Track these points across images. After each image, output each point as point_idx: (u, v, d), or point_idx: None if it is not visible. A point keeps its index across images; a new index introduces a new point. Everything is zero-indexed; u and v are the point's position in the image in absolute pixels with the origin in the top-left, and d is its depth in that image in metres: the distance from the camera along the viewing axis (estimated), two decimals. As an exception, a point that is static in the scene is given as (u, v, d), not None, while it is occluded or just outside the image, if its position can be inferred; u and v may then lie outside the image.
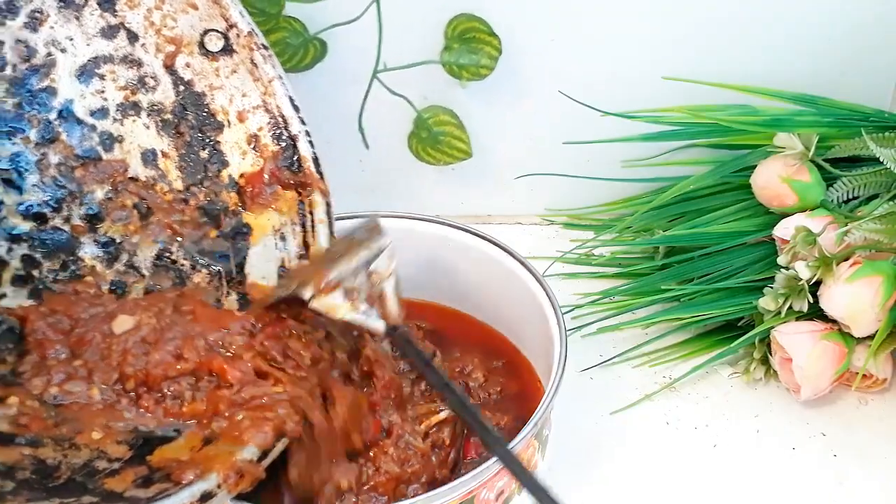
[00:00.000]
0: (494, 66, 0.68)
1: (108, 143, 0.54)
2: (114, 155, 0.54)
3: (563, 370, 0.50)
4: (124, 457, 0.45)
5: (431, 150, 0.71)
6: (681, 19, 0.69)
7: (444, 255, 0.60)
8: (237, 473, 0.42)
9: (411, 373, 0.54)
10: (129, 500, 0.41)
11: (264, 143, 0.54)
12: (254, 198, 0.54)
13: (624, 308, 0.67)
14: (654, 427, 0.60)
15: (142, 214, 0.54)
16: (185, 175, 0.54)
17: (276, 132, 0.53)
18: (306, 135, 0.53)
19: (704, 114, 0.69)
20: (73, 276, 0.52)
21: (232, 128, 0.54)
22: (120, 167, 0.54)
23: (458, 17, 0.67)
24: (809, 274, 0.59)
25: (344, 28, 0.67)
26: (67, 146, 0.53)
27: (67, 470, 0.43)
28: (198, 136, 0.54)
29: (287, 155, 0.53)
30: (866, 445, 0.59)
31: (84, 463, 0.44)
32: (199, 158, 0.54)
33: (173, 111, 0.54)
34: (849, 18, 0.69)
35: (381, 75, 0.69)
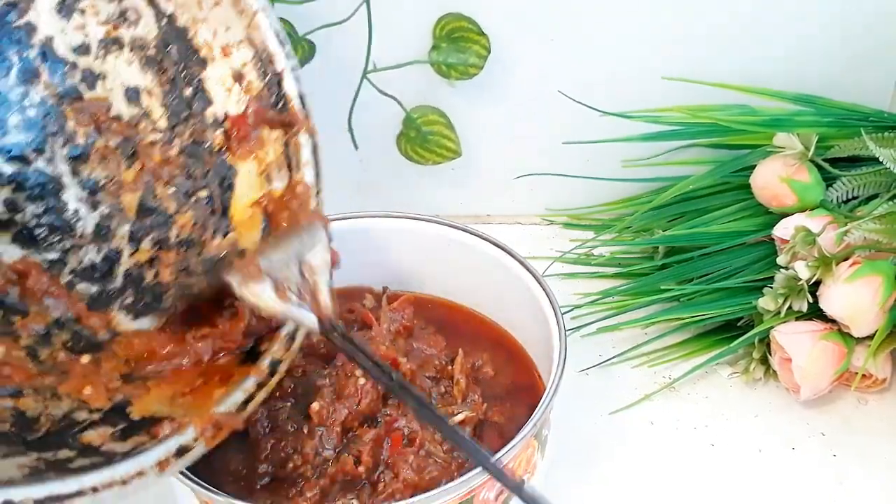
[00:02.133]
0: (483, 65, 0.68)
1: (90, 80, 0.52)
2: (96, 93, 0.52)
3: (562, 370, 0.49)
4: (104, 406, 0.45)
5: (420, 149, 0.71)
6: (680, 19, 0.69)
7: (444, 255, 0.60)
8: (214, 426, 0.42)
9: (434, 380, 0.54)
10: (105, 454, 0.41)
11: (249, 79, 0.52)
12: (240, 141, 0.52)
13: (623, 308, 0.67)
14: (654, 427, 0.60)
15: (126, 155, 0.52)
16: (169, 113, 0.53)
17: (261, 68, 0.52)
18: (291, 70, 0.52)
19: (704, 114, 0.69)
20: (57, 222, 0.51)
21: (216, 63, 0.52)
22: (103, 106, 0.52)
23: (445, 16, 0.67)
24: (809, 274, 0.59)
25: (334, 29, 0.67)
26: (49, 85, 0.52)
27: (47, 422, 0.43)
28: (181, 73, 0.52)
29: (273, 92, 0.52)
30: (866, 445, 0.59)
31: (64, 414, 0.44)
32: (184, 96, 0.53)
33: (156, 46, 0.52)
34: (848, 18, 0.69)
35: (371, 75, 0.68)
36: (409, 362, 0.53)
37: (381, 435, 0.49)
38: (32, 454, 0.41)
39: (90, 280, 0.51)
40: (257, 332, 0.47)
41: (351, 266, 0.61)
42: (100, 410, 0.44)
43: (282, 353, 0.46)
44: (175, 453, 0.41)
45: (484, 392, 0.55)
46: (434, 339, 0.57)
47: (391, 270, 0.62)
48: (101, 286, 0.51)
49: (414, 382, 0.53)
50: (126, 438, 0.42)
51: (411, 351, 0.55)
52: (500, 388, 0.56)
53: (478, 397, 0.54)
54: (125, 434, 0.43)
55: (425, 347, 0.56)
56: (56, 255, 0.51)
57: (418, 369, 0.54)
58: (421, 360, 0.55)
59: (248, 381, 0.45)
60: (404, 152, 0.72)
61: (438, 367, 0.55)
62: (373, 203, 0.68)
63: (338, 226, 0.60)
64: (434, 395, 0.53)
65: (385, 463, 0.49)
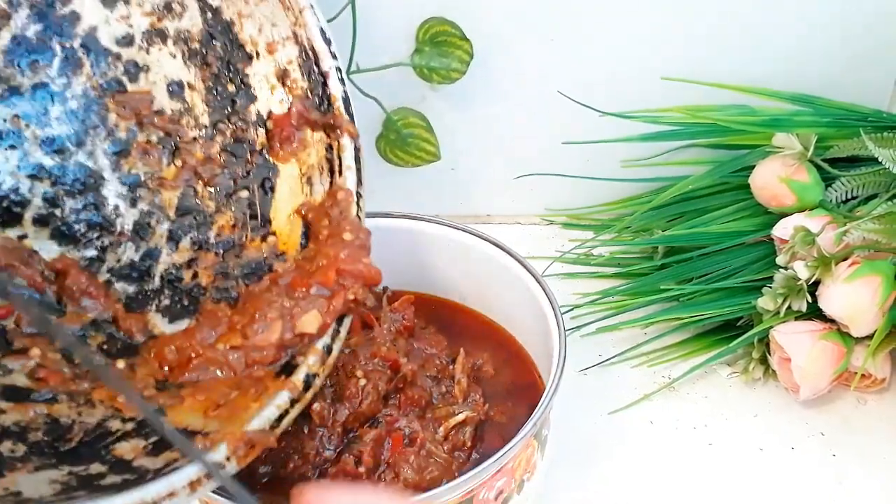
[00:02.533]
0: (466, 69, 0.68)
1: (133, 72, 0.51)
2: (139, 86, 0.51)
3: (561, 370, 0.50)
4: (138, 416, 0.43)
5: (400, 151, 0.71)
6: (680, 19, 0.69)
7: (444, 255, 0.60)
8: (247, 444, 0.41)
9: (435, 380, 0.54)
10: (136, 470, 0.40)
11: (294, 77, 0.51)
12: (282, 143, 0.51)
13: (623, 308, 0.67)
14: (654, 427, 0.61)
15: (168, 151, 0.52)
16: (211, 109, 0.52)
17: (307, 67, 0.50)
18: (337, 71, 0.50)
19: (703, 114, 0.69)
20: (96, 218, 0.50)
21: (261, 60, 0.51)
22: (145, 99, 0.51)
23: (429, 20, 0.67)
24: (808, 274, 0.59)
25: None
26: (91, 76, 0.51)
27: (80, 431, 0.42)
28: (225, 68, 0.51)
29: (316, 92, 0.51)
30: (865, 445, 0.59)
31: (97, 423, 0.43)
32: (227, 92, 0.51)
33: (200, 40, 0.51)
34: (848, 18, 0.69)
35: (354, 76, 0.68)
36: (410, 363, 0.53)
37: (381, 435, 0.49)
38: (64, 468, 0.40)
39: (128, 280, 0.50)
40: (291, 346, 0.46)
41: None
42: (133, 420, 0.43)
43: (318, 367, 0.45)
44: (207, 473, 0.40)
45: (484, 392, 0.55)
46: (435, 339, 0.57)
47: (391, 270, 0.61)
48: (138, 286, 0.50)
49: (415, 382, 0.53)
50: (158, 454, 0.41)
51: (412, 351, 0.55)
52: (500, 387, 0.56)
53: (479, 397, 0.54)
54: (157, 449, 0.42)
55: (426, 347, 0.56)
56: (94, 253, 0.50)
57: (419, 369, 0.54)
58: (422, 359, 0.55)
59: (282, 397, 0.43)
60: (383, 154, 0.71)
61: (440, 368, 0.55)
62: (370, 204, 0.68)
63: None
64: (435, 395, 0.53)
65: (386, 463, 0.49)
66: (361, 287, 0.47)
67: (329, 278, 0.47)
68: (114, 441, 0.42)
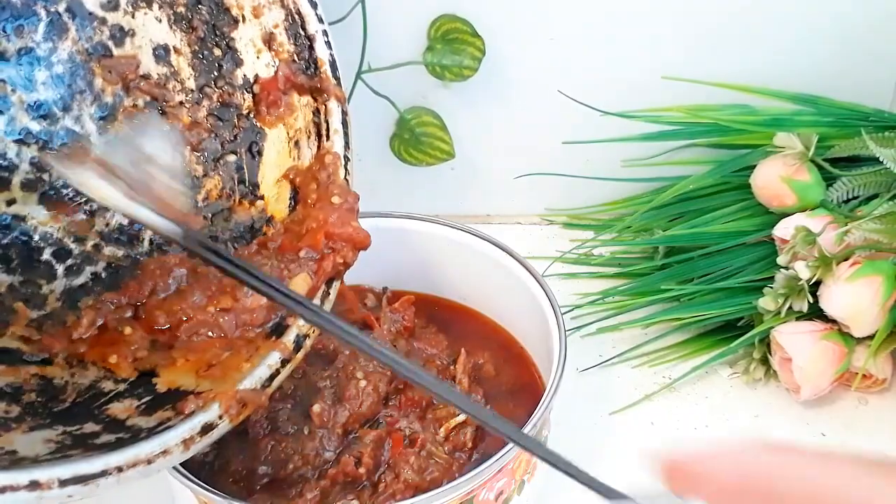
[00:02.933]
0: (478, 67, 0.68)
1: (118, 37, 0.52)
2: (124, 50, 0.52)
3: (562, 370, 0.49)
4: (130, 377, 0.44)
5: (414, 150, 0.71)
6: (680, 19, 0.69)
7: (444, 255, 0.60)
8: (239, 403, 0.42)
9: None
10: (130, 429, 0.41)
11: (280, 41, 0.51)
12: (269, 107, 0.52)
13: (623, 308, 0.67)
14: (654, 427, 0.60)
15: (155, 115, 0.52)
16: (197, 73, 0.52)
17: (293, 30, 0.51)
18: (324, 34, 0.51)
19: (704, 113, 0.69)
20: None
21: (247, 23, 0.51)
22: (131, 63, 0.52)
23: (440, 17, 0.67)
24: (809, 274, 0.59)
25: (328, 28, 0.67)
26: (77, 41, 0.51)
27: (73, 392, 0.43)
28: (211, 32, 0.52)
29: (303, 56, 0.51)
30: (866, 445, 0.59)
31: (90, 384, 0.43)
32: (213, 56, 0.52)
33: (186, 3, 0.52)
34: (849, 18, 0.69)
35: (365, 76, 0.68)
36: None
37: (382, 436, 0.49)
38: (58, 427, 0.41)
39: (117, 244, 0.51)
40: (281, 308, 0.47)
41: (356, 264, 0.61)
42: (126, 381, 0.44)
43: (308, 327, 0.46)
44: (200, 431, 0.41)
45: (485, 392, 0.55)
46: (435, 339, 0.57)
47: (392, 270, 0.62)
48: (127, 250, 0.51)
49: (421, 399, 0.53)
50: (151, 413, 0.42)
51: (412, 351, 0.55)
52: (500, 387, 0.56)
53: (480, 397, 0.54)
54: (150, 409, 0.42)
55: (426, 347, 0.56)
56: (83, 217, 0.50)
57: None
58: (422, 360, 0.55)
59: (273, 357, 0.44)
60: (398, 153, 0.72)
61: (440, 368, 0.55)
62: (371, 203, 0.68)
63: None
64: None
65: (386, 464, 0.49)
66: (351, 250, 0.47)
67: (318, 241, 0.47)
68: (107, 401, 0.43)
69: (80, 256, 0.50)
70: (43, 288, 0.48)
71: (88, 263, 0.50)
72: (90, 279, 0.49)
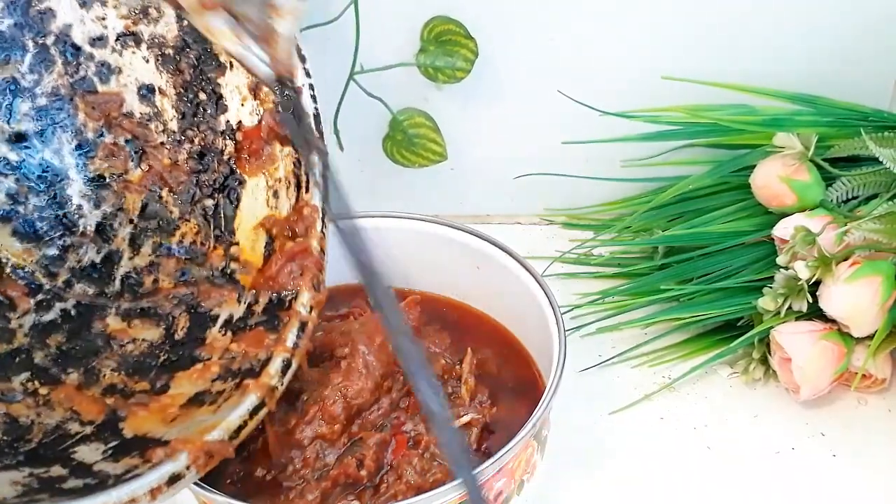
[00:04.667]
0: (470, 69, 0.68)
1: (104, 74, 0.52)
2: (110, 87, 0.52)
3: (561, 370, 0.49)
4: (97, 419, 0.44)
5: (406, 152, 0.71)
6: (680, 19, 0.69)
7: (444, 255, 0.60)
8: (206, 454, 0.42)
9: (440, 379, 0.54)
10: (97, 475, 0.41)
11: (266, 91, 0.51)
12: (251, 155, 0.52)
13: (623, 308, 0.67)
14: (653, 427, 0.60)
15: (134, 154, 0.52)
16: (181, 116, 0.52)
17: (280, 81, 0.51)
18: (310, 88, 0.51)
19: (703, 113, 0.69)
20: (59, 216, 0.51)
21: (234, 70, 0.52)
22: (115, 101, 0.52)
23: (434, 19, 0.67)
24: (809, 274, 0.59)
25: (321, 29, 0.67)
26: (62, 74, 0.51)
27: (39, 432, 0.43)
28: (198, 76, 0.52)
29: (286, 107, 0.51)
30: (865, 445, 0.59)
31: (56, 424, 0.43)
32: (198, 100, 0.52)
33: (175, 46, 0.52)
34: (848, 18, 0.69)
35: (358, 77, 0.68)
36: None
37: (386, 439, 0.49)
38: (25, 469, 0.40)
39: (88, 280, 0.51)
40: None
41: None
42: (92, 423, 0.44)
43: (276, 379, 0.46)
44: (167, 481, 0.41)
45: (489, 391, 0.54)
46: (439, 337, 0.57)
47: (393, 269, 0.62)
48: (98, 288, 0.51)
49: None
50: (118, 459, 0.42)
51: None
52: (501, 387, 0.56)
53: (486, 398, 0.53)
54: (117, 454, 0.42)
55: (430, 345, 0.56)
56: (56, 252, 0.50)
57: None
58: (427, 357, 0.55)
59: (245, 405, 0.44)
60: (390, 154, 0.71)
61: (446, 367, 0.55)
62: (371, 203, 0.68)
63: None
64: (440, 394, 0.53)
65: (389, 465, 0.49)
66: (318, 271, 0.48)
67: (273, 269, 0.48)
68: (73, 444, 0.43)
69: (50, 292, 0.50)
70: (11, 322, 0.48)
71: (58, 300, 0.50)
72: (60, 316, 0.49)
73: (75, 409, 0.45)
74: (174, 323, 0.50)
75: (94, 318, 0.50)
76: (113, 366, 0.48)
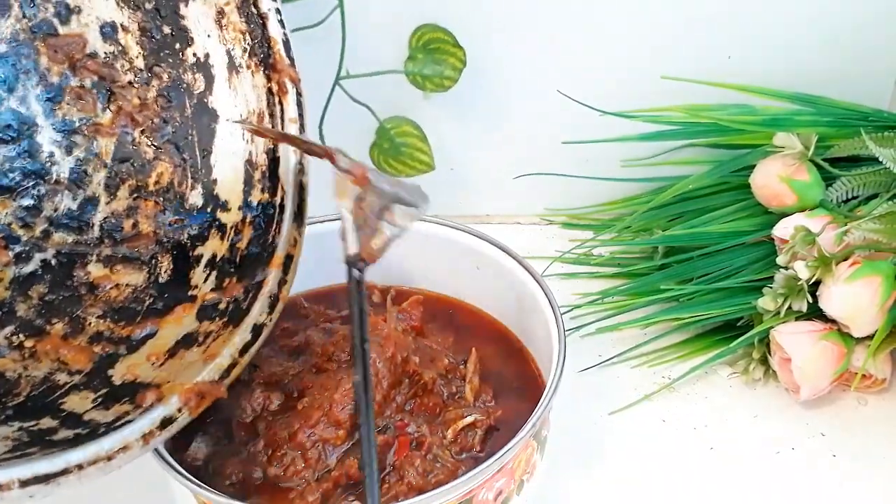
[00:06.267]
0: (458, 77, 0.68)
1: (64, 14, 0.50)
2: (71, 28, 0.50)
3: (561, 370, 0.49)
4: (85, 368, 0.44)
5: (394, 161, 0.71)
6: (680, 19, 0.69)
7: (444, 255, 0.60)
8: (198, 395, 0.42)
9: (444, 379, 0.54)
10: (87, 424, 0.41)
11: (232, 20, 0.50)
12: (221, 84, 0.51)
13: (623, 308, 0.67)
14: (653, 427, 0.60)
15: (102, 96, 0.51)
16: (146, 52, 0.51)
17: (245, 9, 0.50)
18: (277, 13, 0.50)
19: (703, 113, 0.69)
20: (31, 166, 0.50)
21: (197, 0, 0.50)
22: (78, 42, 0.50)
23: (422, 27, 0.67)
24: (808, 274, 0.59)
25: (306, 32, 0.66)
26: (20, 18, 0.49)
27: (27, 385, 0.43)
28: (160, 9, 0.50)
29: (255, 35, 0.50)
30: (865, 445, 0.59)
31: (44, 376, 0.43)
32: (162, 34, 0.51)
33: None
34: (848, 18, 0.69)
35: (344, 82, 0.68)
36: (418, 361, 0.52)
37: (389, 441, 0.49)
38: (14, 423, 0.40)
39: (66, 229, 0.50)
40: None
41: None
42: (81, 372, 0.44)
43: (265, 316, 0.46)
44: (160, 425, 0.41)
45: (491, 387, 0.54)
46: (441, 335, 0.57)
47: (392, 270, 0.62)
48: (77, 236, 0.50)
49: (422, 379, 0.52)
50: (109, 407, 0.42)
51: (419, 348, 0.55)
52: (501, 386, 0.56)
53: (490, 398, 0.53)
54: (107, 402, 0.42)
55: (432, 344, 0.56)
56: (31, 202, 0.49)
57: (429, 365, 0.53)
58: (429, 356, 0.55)
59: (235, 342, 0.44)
60: (377, 163, 0.71)
61: (449, 367, 0.54)
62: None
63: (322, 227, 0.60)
64: (445, 394, 0.53)
65: (391, 466, 0.48)
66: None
67: None
68: (63, 394, 0.43)
69: (28, 243, 0.49)
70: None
71: (38, 251, 0.49)
72: (40, 267, 0.49)
73: (62, 359, 0.44)
74: (157, 266, 0.50)
75: (76, 266, 0.49)
76: (98, 313, 0.47)
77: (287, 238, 0.48)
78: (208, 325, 0.46)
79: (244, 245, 0.49)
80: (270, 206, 0.49)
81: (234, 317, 0.46)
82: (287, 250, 0.48)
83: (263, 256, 0.48)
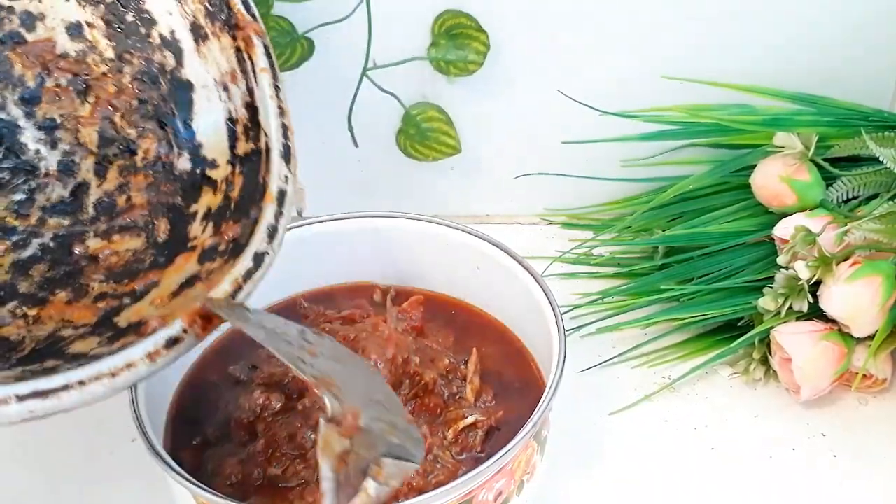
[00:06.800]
0: (482, 61, 0.68)
1: (29, 22, 0.51)
2: (38, 34, 0.52)
3: (561, 370, 0.49)
4: (90, 322, 0.44)
5: (419, 146, 0.71)
6: (680, 18, 0.69)
7: (444, 255, 0.60)
8: (203, 318, 0.41)
9: (444, 378, 0.54)
10: (93, 358, 0.40)
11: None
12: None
13: (623, 308, 0.67)
14: (654, 427, 0.60)
15: (79, 91, 0.52)
16: (114, 43, 0.52)
17: None
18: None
19: (704, 113, 0.69)
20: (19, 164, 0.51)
21: None
22: (47, 46, 0.52)
23: (445, 13, 0.67)
24: (809, 274, 0.59)
25: (333, 27, 0.67)
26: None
27: (32, 342, 0.43)
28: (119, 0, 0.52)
29: (213, 2, 0.51)
30: (866, 446, 0.59)
31: (49, 334, 0.43)
32: (126, 22, 0.52)
33: None
34: (849, 18, 0.69)
35: (371, 73, 0.68)
36: (418, 361, 0.52)
37: None
38: (17, 368, 0.40)
39: (61, 214, 0.51)
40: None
41: (357, 264, 0.61)
42: (86, 326, 0.44)
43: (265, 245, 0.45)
44: (165, 344, 0.40)
45: (491, 387, 0.54)
46: (442, 335, 0.57)
47: (392, 270, 0.62)
48: (73, 218, 0.51)
49: (422, 379, 0.52)
50: (114, 342, 0.41)
51: (419, 348, 0.55)
52: (501, 386, 0.56)
53: (490, 399, 0.53)
54: (112, 340, 0.42)
55: (432, 344, 0.56)
56: (23, 196, 0.50)
57: (429, 365, 0.53)
58: (429, 356, 0.55)
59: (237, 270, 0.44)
60: (403, 149, 0.72)
61: (449, 367, 0.54)
62: (371, 202, 0.68)
63: (345, 225, 0.60)
64: (445, 394, 0.53)
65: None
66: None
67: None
68: (68, 343, 0.43)
69: (25, 232, 0.49)
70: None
71: (35, 237, 0.50)
72: (39, 250, 0.49)
73: (67, 318, 0.44)
74: (154, 229, 0.50)
75: (74, 243, 0.50)
76: (101, 278, 0.48)
77: (278, 175, 0.48)
78: (210, 266, 0.46)
79: (237, 193, 0.49)
80: (256, 152, 0.49)
81: (235, 252, 0.46)
82: (279, 186, 0.48)
83: (256, 196, 0.48)
